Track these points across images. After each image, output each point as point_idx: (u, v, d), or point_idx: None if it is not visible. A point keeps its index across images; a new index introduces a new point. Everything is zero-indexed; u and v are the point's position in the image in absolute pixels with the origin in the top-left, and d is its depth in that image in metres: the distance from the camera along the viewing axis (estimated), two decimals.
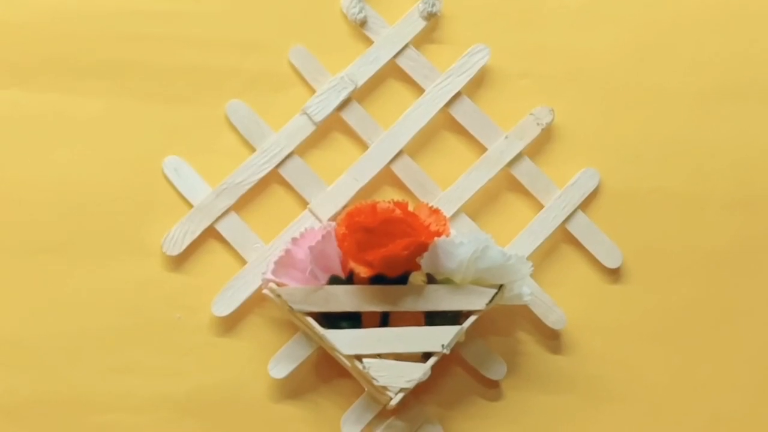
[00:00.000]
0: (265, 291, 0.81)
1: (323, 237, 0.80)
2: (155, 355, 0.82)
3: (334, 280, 0.81)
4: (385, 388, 0.79)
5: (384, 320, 0.82)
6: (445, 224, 0.82)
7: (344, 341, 0.80)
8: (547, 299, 0.85)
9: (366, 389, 0.82)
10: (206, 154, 0.85)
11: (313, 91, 0.86)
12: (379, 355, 0.80)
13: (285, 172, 0.85)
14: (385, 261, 0.79)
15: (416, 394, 0.82)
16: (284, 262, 0.80)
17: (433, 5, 0.87)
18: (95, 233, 0.83)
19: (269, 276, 0.81)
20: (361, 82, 0.86)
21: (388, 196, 0.84)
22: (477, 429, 0.84)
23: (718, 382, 0.86)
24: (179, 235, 0.84)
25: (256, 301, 0.83)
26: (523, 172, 0.87)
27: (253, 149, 0.85)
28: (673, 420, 0.85)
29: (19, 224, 0.83)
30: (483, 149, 0.87)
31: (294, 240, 0.81)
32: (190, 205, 0.84)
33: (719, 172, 0.89)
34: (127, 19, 0.85)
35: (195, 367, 0.82)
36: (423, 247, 0.80)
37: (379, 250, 0.79)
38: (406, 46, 0.87)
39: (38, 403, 0.81)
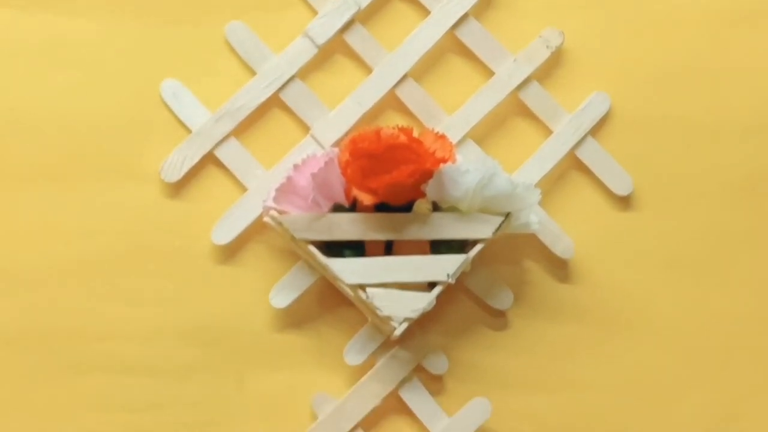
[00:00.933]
0: (266, 219, 0.80)
1: (326, 164, 0.79)
2: (154, 284, 0.82)
3: (337, 208, 0.80)
4: (388, 317, 0.79)
5: (388, 249, 0.81)
6: (450, 151, 0.80)
7: (347, 270, 0.79)
8: (555, 227, 0.84)
9: (369, 319, 0.81)
10: (205, 77, 0.84)
11: (315, 12, 0.84)
12: (383, 285, 0.79)
13: (286, 97, 0.84)
14: (390, 188, 0.78)
15: (421, 323, 0.81)
16: (286, 190, 0.79)
17: None
18: (91, 159, 0.82)
19: (270, 203, 0.80)
20: (364, 3, 0.84)
21: (392, 122, 0.82)
22: (482, 359, 0.83)
23: (730, 313, 0.85)
24: (178, 161, 0.82)
25: (256, 229, 0.82)
26: (532, 96, 0.85)
27: (253, 73, 0.84)
28: (684, 350, 0.84)
29: (13, 150, 0.82)
30: (490, 73, 0.85)
31: (296, 167, 0.79)
32: (189, 131, 0.83)
33: (735, 97, 0.87)
34: None
35: (195, 296, 0.82)
36: (428, 175, 0.79)
37: (383, 177, 0.77)
38: None
39: (36, 332, 0.80)
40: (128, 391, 0.81)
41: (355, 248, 0.80)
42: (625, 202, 0.85)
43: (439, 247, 0.80)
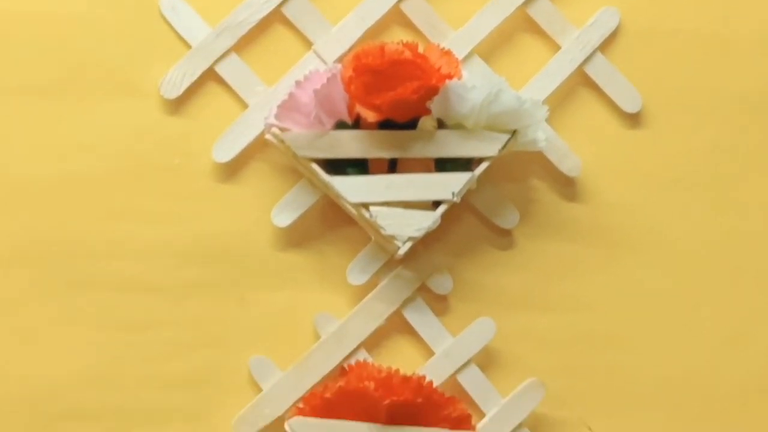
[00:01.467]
0: (267, 136, 0.79)
1: (328, 80, 0.77)
2: (154, 202, 0.81)
3: (340, 125, 0.78)
4: (392, 237, 0.78)
5: (392, 167, 0.80)
6: (456, 66, 0.79)
7: (350, 188, 0.78)
8: (562, 145, 0.83)
9: (373, 238, 0.80)
10: None
11: None
12: (386, 203, 0.78)
13: (288, 12, 0.82)
14: (394, 105, 0.76)
15: (425, 242, 0.80)
16: (288, 106, 0.78)
17: None
18: (90, 75, 0.81)
19: (272, 120, 0.78)
20: None
21: (396, 37, 0.81)
22: (488, 278, 0.82)
23: (739, 232, 0.84)
24: (177, 77, 0.81)
25: (258, 146, 0.81)
26: (540, 11, 0.83)
27: None
28: (691, 270, 0.83)
29: (10, 65, 0.81)
30: None
31: (298, 83, 0.78)
32: (189, 46, 0.81)
33: (748, 9, 0.85)
34: None
35: (196, 214, 0.81)
36: (433, 91, 0.77)
37: (388, 93, 0.76)
38: None
39: (35, 249, 0.80)
40: (128, 309, 0.80)
41: (359, 166, 0.79)
42: (633, 119, 0.84)
43: (444, 165, 0.79)
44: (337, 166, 0.78)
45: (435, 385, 0.78)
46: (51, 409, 0.79)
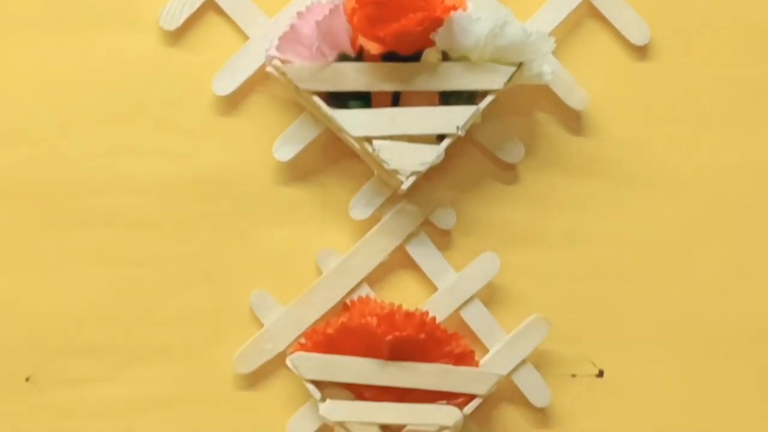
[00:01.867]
0: (269, 68, 0.78)
1: (331, 11, 0.76)
2: (154, 136, 0.80)
3: (343, 58, 0.77)
4: (395, 171, 0.77)
5: (395, 100, 0.79)
6: None
7: (353, 122, 0.77)
8: (568, 78, 0.81)
9: (375, 172, 0.79)
10: None
11: None
12: (390, 137, 0.77)
13: None
14: (398, 37, 0.75)
15: (428, 177, 0.79)
16: (289, 38, 0.76)
17: None
18: (86, 7, 0.80)
19: (273, 53, 0.77)
20: None
21: None
22: (492, 213, 0.81)
23: (748, 168, 0.83)
24: (176, 8, 0.80)
25: (259, 79, 0.80)
26: None
27: None
28: (700, 206, 0.82)
29: None
30: None
31: (299, 14, 0.76)
32: None
33: None
34: None
35: (195, 148, 0.80)
36: (438, 23, 0.76)
37: (391, 25, 0.75)
38: None
39: (34, 185, 0.79)
40: (127, 245, 0.79)
41: (362, 99, 0.78)
42: (642, 51, 0.82)
43: (449, 98, 0.78)
44: (339, 99, 0.77)
45: (438, 320, 0.77)
46: (50, 345, 0.78)
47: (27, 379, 0.78)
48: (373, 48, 0.76)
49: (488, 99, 0.78)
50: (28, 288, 0.78)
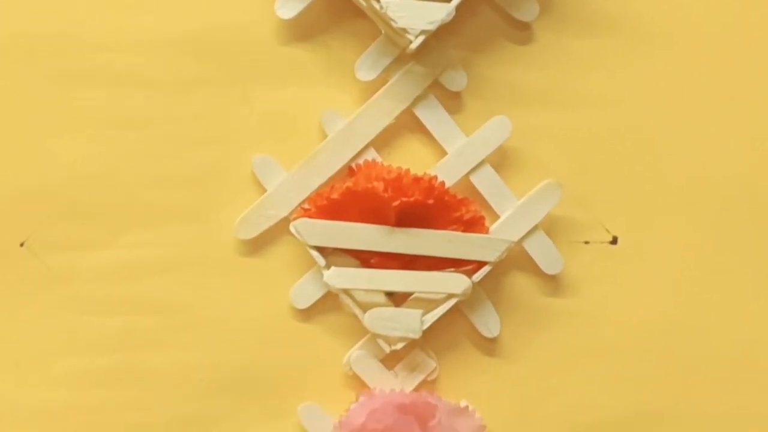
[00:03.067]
0: None
1: None
2: None
3: None
4: (404, 30, 0.74)
5: None
6: None
7: None
8: None
9: (383, 31, 0.76)
10: None
11: None
12: None
13: None
14: None
15: (438, 36, 0.77)
16: None
17: None
18: None
19: None
20: None
21: None
22: (504, 74, 0.79)
23: None
24: None
25: None
26: None
27: None
28: (724, 68, 0.80)
29: None
30: None
31: None
32: None
33: None
34: None
35: (196, 3, 0.77)
36: None
37: None
38: None
39: (25, 41, 0.77)
40: (125, 104, 0.77)
41: None
42: None
43: None
44: None
45: (447, 185, 0.76)
46: (45, 209, 0.77)
47: (21, 245, 0.76)
48: None
49: None
50: (22, 149, 0.76)
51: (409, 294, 0.76)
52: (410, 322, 0.75)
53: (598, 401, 0.79)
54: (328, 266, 0.75)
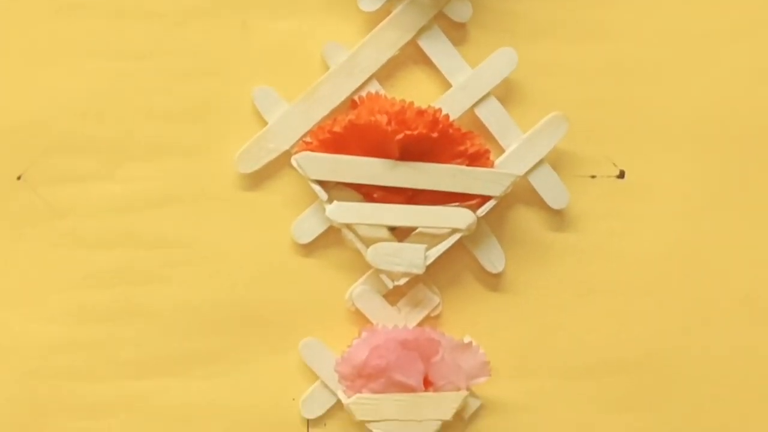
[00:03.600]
0: None
1: None
2: None
3: None
4: None
5: None
6: None
7: None
8: None
9: None
10: None
11: None
12: None
13: None
14: None
15: None
16: None
17: None
18: None
19: None
20: None
21: None
22: (510, 4, 0.78)
23: None
24: None
25: None
26: None
27: None
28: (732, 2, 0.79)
29: None
30: None
31: None
32: None
33: None
34: None
35: None
36: None
37: None
38: None
39: None
40: (122, 35, 0.76)
41: None
42: None
43: None
44: None
45: (452, 118, 0.75)
46: (43, 142, 0.75)
47: (18, 178, 0.75)
48: None
49: None
50: (18, 81, 0.75)
51: (413, 229, 0.75)
52: (413, 257, 0.74)
53: (604, 339, 0.78)
54: (330, 200, 0.74)
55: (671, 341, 0.79)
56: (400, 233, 0.75)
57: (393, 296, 0.76)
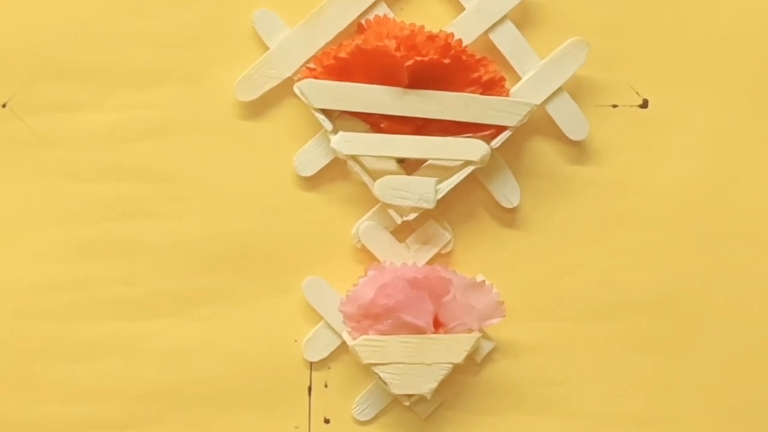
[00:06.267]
0: None
1: None
2: None
3: None
4: None
5: None
6: None
7: None
8: None
9: None
10: None
11: None
12: None
13: None
14: None
15: None
16: None
17: None
18: None
19: None
20: None
21: None
22: None
23: None
24: None
25: None
26: None
27: None
28: None
29: None
30: None
31: None
32: None
33: None
34: None
35: None
36: None
37: None
38: None
39: None
40: None
41: None
42: None
43: None
44: None
45: (465, 43, 0.72)
46: (30, 67, 0.73)
47: (3, 105, 0.73)
48: None
49: None
50: (2, 4, 0.73)
51: (423, 161, 0.73)
52: (423, 190, 0.72)
53: (625, 278, 0.77)
54: (335, 131, 0.72)
55: (694, 280, 0.77)
56: (409, 166, 0.74)
57: (401, 232, 0.74)
